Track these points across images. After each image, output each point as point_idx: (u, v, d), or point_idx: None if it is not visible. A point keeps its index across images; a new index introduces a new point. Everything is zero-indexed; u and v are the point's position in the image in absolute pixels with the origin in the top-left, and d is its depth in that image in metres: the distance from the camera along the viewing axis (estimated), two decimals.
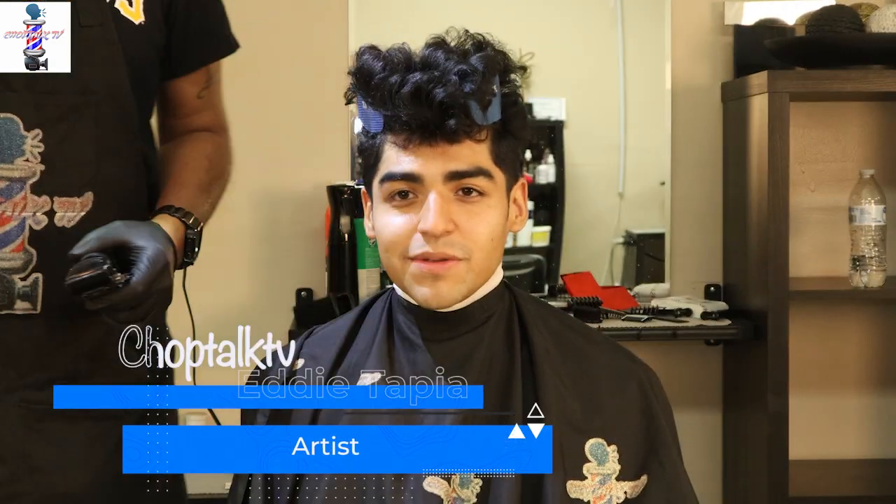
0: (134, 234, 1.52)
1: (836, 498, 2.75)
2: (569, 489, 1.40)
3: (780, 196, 2.59)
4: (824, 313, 2.96)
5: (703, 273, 2.99)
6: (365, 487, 1.41)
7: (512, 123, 1.45)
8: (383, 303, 1.53)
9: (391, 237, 1.43)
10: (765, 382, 2.61)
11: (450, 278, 1.42)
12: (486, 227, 1.43)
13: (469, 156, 1.41)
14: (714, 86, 2.95)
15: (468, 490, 1.40)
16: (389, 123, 1.42)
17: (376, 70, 1.41)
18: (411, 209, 1.42)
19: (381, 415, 1.43)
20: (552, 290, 2.98)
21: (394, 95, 1.39)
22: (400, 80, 1.39)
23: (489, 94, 1.40)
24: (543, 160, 3.10)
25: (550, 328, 1.50)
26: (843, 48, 2.65)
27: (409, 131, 1.40)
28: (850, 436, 2.99)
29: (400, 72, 1.40)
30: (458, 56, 1.41)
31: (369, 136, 1.45)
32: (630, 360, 1.52)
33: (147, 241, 1.51)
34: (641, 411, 1.46)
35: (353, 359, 1.50)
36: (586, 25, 3.11)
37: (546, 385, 1.44)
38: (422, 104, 1.38)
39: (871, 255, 2.69)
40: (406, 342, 1.48)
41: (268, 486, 1.46)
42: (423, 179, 1.41)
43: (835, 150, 2.95)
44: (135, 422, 1.43)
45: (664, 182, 2.99)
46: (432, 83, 1.37)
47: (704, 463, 2.98)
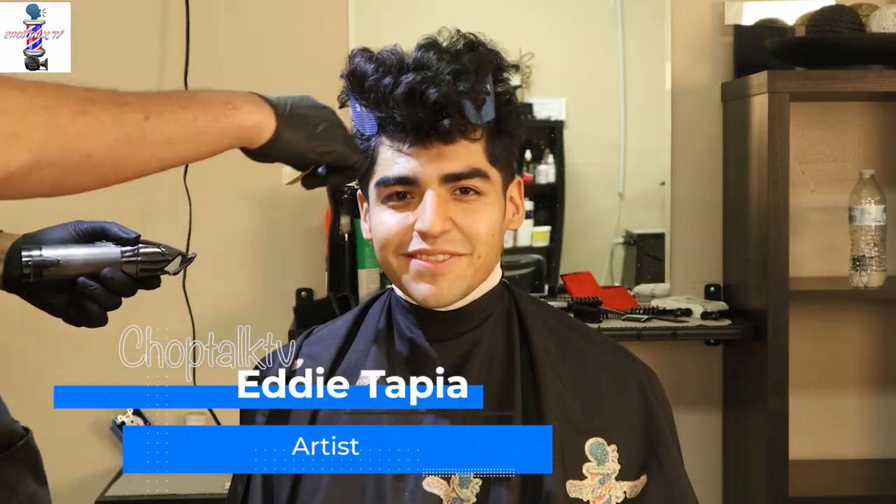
0: None
1: (836, 498, 2.75)
2: (568, 489, 1.40)
3: (780, 196, 2.59)
4: (824, 313, 2.96)
5: (703, 273, 2.99)
6: (365, 487, 1.41)
7: (506, 122, 1.45)
8: (383, 303, 1.53)
9: (387, 234, 1.43)
10: (765, 382, 2.61)
11: (450, 275, 1.42)
12: (484, 223, 1.43)
13: (464, 156, 1.41)
14: (714, 86, 2.95)
15: (468, 490, 1.40)
16: (384, 125, 1.42)
17: (369, 72, 1.41)
18: (408, 208, 1.42)
19: (381, 415, 1.43)
20: (552, 290, 2.98)
21: (388, 97, 1.39)
22: (393, 81, 1.39)
23: (483, 92, 1.40)
24: (543, 160, 3.10)
25: (550, 328, 1.50)
26: (843, 48, 2.65)
27: (404, 132, 1.40)
28: (850, 436, 2.99)
29: (393, 73, 1.39)
30: (451, 56, 1.40)
31: (364, 139, 1.45)
32: (630, 360, 1.52)
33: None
34: (641, 411, 1.46)
35: (353, 359, 1.50)
36: (586, 25, 3.11)
37: (546, 385, 1.44)
38: (415, 105, 1.37)
39: (871, 255, 2.69)
40: (405, 342, 1.48)
41: (268, 486, 1.46)
42: (419, 181, 1.41)
43: (835, 150, 2.95)
44: None
45: (664, 182, 2.99)
46: (425, 84, 1.37)
47: (704, 463, 2.98)
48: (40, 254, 1.43)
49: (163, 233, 2.92)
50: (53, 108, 1.10)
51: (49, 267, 1.43)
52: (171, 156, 1.21)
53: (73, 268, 1.43)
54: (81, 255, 1.44)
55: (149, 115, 1.17)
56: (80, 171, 1.13)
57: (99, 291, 1.43)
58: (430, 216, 1.40)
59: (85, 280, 1.43)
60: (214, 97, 1.24)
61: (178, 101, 1.21)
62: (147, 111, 1.17)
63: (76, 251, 1.44)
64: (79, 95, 1.12)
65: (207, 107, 1.23)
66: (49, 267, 1.43)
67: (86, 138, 1.12)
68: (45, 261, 1.42)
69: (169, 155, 1.20)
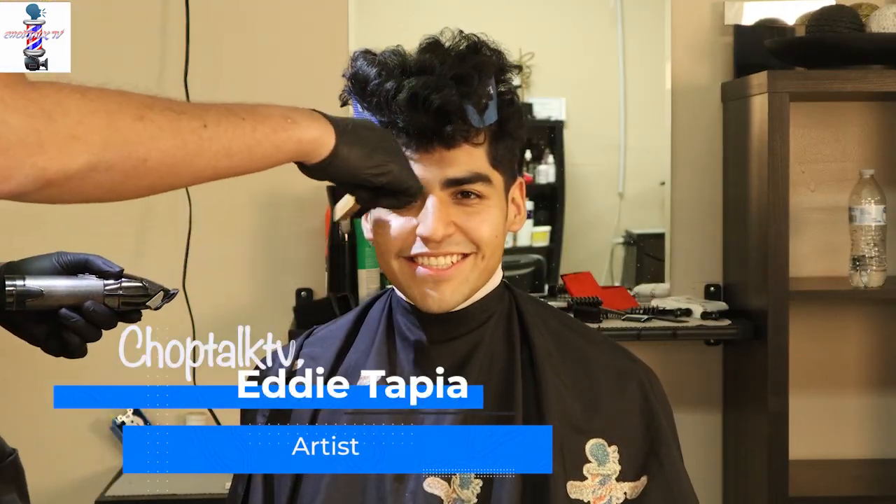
0: None
1: (836, 498, 2.75)
2: (569, 490, 1.40)
3: (780, 196, 2.59)
4: (824, 313, 2.96)
5: (703, 273, 2.99)
6: (365, 488, 1.41)
7: (509, 124, 1.45)
8: (383, 303, 1.53)
9: (389, 238, 1.43)
10: (765, 382, 2.61)
11: (454, 279, 1.42)
12: (487, 227, 1.43)
13: (466, 161, 1.41)
14: (714, 86, 2.95)
15: (468, 491, 1.40)
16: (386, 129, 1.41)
17: (371, 76, 1.40)
18: (409, 212, 1.42)
19: (381, 415, 1.43)
20: (552, 290, 2.98)
21: (390, 102, 1.38)
22: (395, 86, 1.38)
23: (485, 97, 1.40)
24: (543, 160, 3.10)
25: (550, 328, 1.50)
26: (843, 48, 2.65)
27: (406, 137, 1.40)
28: (850, 436, 2.99)
29: (395, 77, 1.39)
30: (453, 59, 1.40)
31: None
32: (630, 360, 1.51)
33: None
34: (641, 411, 1.46)
35: (353, 359, 1.50)
36: (586, 25, 3.11)
37: (546, 385, 1.43)
38: (418, 110, 1.37)
39: (871, 255, 2.69)
40: (406, 343, 1.48)
41: (268, 486, 1.46)
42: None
43: (835, 150, 2.95)
44: None
45: (664, 182, 2.99)
46: (428, 89, 1.36)
47: (704, 463, 2.98)
48: (24, 283, 1.43)
49: (163, 233, 2.93)
50: (114, 111, 1.10)
51: (32, 297, 1.43)
52: (228, 166, 1.20)
53: (55, 299, 1.43)
54: (64, 286, 1.44)
55: (206, 124, 1.17)
56: (137, 176, 1.13)
57: (80, 323, 1.43)
58: (432, 221, 1.39)
59: (67, 312, 1.43)
60: (274, 111, 1.24)
61: (238, 113, 1.21)
62: (205, 119, 1.17)
63: (59, 283, 1.44)
64: (138, 101, 1.13)
65: (266, 119, 1.22)
66: (32, 297, 1.43)
67: (143, 142, 1.12)
68: (28, 291, 1.42)
69: (225, 165, 1.20)
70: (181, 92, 2.89)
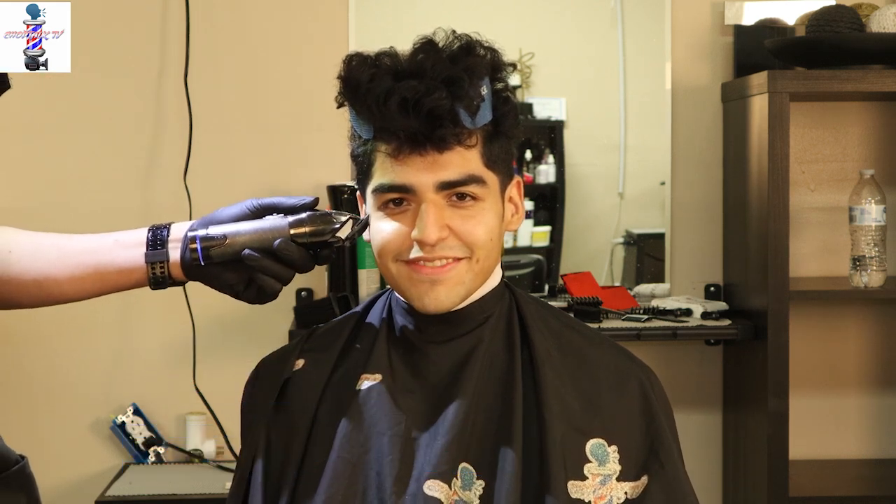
0: None
1: (836, 498, 2.75)
2: (570, 489, 1.40)
3: (780, 196, 2.59)
4: (824, 313, 2.96)
5: (703, 273, 2.99)
6: (365, 491, 1.41)
7: (503, 123, 1.44)
8: (383, 303, 1.53)
9: (385, 242, 1.43)
10: (765, 382, 2.61)
11: (449, 281, 1.42)
12: (482, 228, 1.43)
13: (460, 163, 1.40)
14: (714, 86, 2.95)
15: (470, 492, 1.40)
16: (379, 132, 1.41)
17: (364, 80, 1.39)
18: (405, 216, 1.42)
19: (381, 416, 1.43)
20: (552, 290, 2.98)
21: (381, 106, 1.38)
22: (387, 90, 1.37)
23: (477, 98, 1.39)
24: (543, 160, 3.10)
25: (551, 328, 1.50)
26: (843, 48, 2.65)
27: (399, 141, 1.39)
28: (850, 436, 2.99)
29: (386, 81, 1.38)
30: (446, 61, 1.39)
31: (361, 142, 1.44)
32: (630, 360, 1.51)
33: None
34: (642, 412, 1.46)
35: (353, 360, 1.50)
36: (586, 25, 3.11)
37: (547, 385, 1.43)
38: (409, 114, 1.36)
39: (871, 255, 2.69)
40: (406, 343, 1.48)
41: (268, 486, 1.46)
42: (414, 189, 1.40)
43: (835, 150, 2.95)
44: None
45: (664, 182, 2.99)
46: (418, 93, 1.36)
47: (704, 463, 2.98)
48: (207, 232, 1.40)
49: None
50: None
51: (216, 245, 1.40)
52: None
53: (240, 243, 1.40)
54: (248, 228, 1.40)
55: None
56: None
57: (266, 263, 1.39)
58: (427, 226, 1.39)
59: (250, 252, 1.39)
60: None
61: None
62: None
63: (243, 226, 1.41)
64: None
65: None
66: (216, 245, 1.40)
67: None
68: (211, 238, 1.40)
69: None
70: (181, 92, 2.89)
